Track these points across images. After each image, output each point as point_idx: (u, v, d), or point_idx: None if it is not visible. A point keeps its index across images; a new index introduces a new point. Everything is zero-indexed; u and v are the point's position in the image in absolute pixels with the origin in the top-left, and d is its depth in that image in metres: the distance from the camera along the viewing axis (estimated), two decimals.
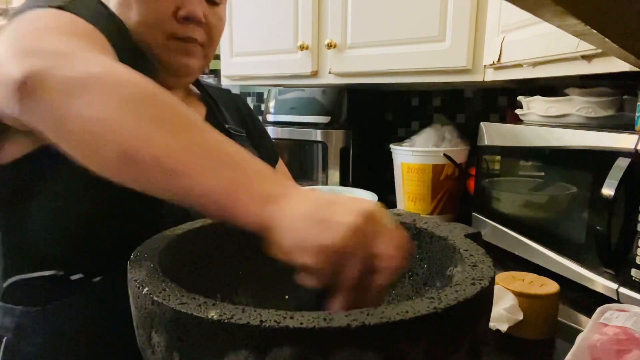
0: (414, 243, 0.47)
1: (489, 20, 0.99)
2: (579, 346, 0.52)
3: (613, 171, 0.69)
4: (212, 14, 0.62)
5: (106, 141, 0.34)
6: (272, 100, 1.53)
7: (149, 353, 0.33)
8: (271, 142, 0.86)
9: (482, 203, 1.08)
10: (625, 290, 0.69)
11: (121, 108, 0.34)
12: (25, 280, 0.50)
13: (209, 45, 0.64)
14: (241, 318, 0.27)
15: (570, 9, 0.32)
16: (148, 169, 0.34)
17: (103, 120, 0.34)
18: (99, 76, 0.36)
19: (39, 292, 0.51)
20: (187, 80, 0.67)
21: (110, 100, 0.35)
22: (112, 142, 0.34)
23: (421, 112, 1.53)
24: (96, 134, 0.34)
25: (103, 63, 0.38)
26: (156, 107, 0.36)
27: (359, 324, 0.27)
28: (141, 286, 0.32)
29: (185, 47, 0.60)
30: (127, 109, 0.34)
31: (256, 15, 1.45)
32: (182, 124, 0.35)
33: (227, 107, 0.75)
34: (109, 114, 0.34)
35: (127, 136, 0.34)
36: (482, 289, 0.32)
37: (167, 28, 0.58)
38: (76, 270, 0.50)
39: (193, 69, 0.63)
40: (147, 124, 0.34)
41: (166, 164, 0.33)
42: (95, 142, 0.34)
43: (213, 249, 0.47)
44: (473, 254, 0.39)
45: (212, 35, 0.63)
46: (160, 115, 0.35)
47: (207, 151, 0.34)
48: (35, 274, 0.50)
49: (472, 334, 0.32)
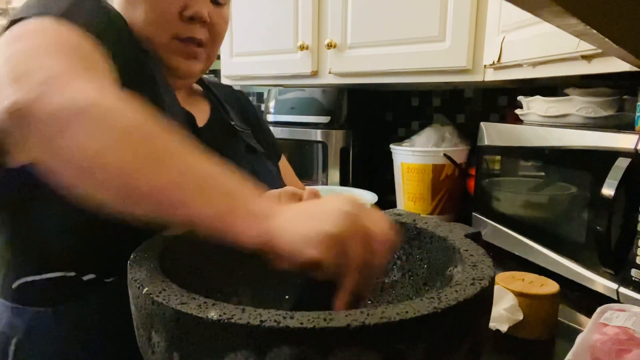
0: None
1: (489, 20, 0.99)
2: (579, 346, 0.52)
3: (613, 171, 0.69)
4: (216, 15, 0.62)
5: (99, 176, 0.34)
6: (272, 100, 1.53)
7: (149, 353, 0.33)
8: (273, 137, 0.85)
9: (482, 203, 1.08)
10: (625, 290, 0.69)
11: (114, 141, 0.35)
12: (35, 281, 0.50)
13: (212, 45, 0.63)
14: (241, 318, 0.27)
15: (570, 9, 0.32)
16: (146, 202, 0.35)
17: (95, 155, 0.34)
18: (86, 107, 0.36)
19: (50, 293, 0.50)
20: (189, 81, 0.67)
21: (102, 134, 0.35)
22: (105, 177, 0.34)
23: (421, 112, 1.53)
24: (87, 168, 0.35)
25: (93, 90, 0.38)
26: (147, 139, 0.36)
27: (359, 324, 0.27)
28: (141, 286, 0.33)
29: (188, 49, 0.60)
30: (120, 142, 0.35)
31: (256, 15, 1.45)
32: (173, 153, 0.36)
33: (230, 104, 0.74)
34: (101, 148, 0.34)
35: (121, 170, 0.34)
36: (482, 289, 0.32)
37: (172, 28, 0.58)
38: (88, 271, 0.50)
39: (195, 72, 0.63)
40: (140, 157, 0.35)
41: (164, 197, 0.34)
42: (87, 176, 0.35)
43: (213, 249, 0.47)
44: (473, 254, 0.39)
45: (215, 36, 0.63)
46: (151, 148, 0.36)
47: (200, 179, 0.36)
48: (45, 275, 0.50)
49: (472, 334, 0.32)
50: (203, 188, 0.35)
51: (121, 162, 0.34)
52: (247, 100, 0.83)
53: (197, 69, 0.63)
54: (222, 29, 0.64)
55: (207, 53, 0.63)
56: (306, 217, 0.34)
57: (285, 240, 0.33)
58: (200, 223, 0.35)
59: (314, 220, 0.33)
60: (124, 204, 0.35)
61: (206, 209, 0.34)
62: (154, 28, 0.57)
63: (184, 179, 0.35)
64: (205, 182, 0.36)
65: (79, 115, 0.35)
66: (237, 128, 0.68)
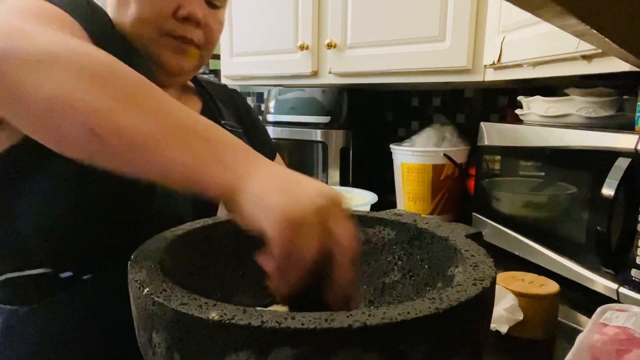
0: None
1: (489, 20, 0.99)
2: (579, 346, 0.52)
3: (613, 171, 0.69)
4: (211, 17, 0.61)
5: (66, 116, 0.33)
6: (272, 100, 1.53)
7: (149, 354, 0.33)
8: (268, 136, 0.85)
9: (482, 203, 1.08)
10: (625, 290, 0.69)
11: (82, 82, 0.33)
12: (14, 278, 0.50)
13: (206, 47, 0.63)
14: (242, 319, 0.27)
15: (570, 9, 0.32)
16: (110, 144, 0.33)
17: (63, 95, 0.33)
18: (58, 51, 0.35)
19: (29, 291, 0.50)
20: (180, 79, 0.67)
21: (70, 75, 0.34)
22: (72, 117, 0.33)
23: (421, 112, 1.53)
24: (55, 109, 0.33)
25: (64, 39, 0.37)
26: (119, 81, 0.35)
27: (360, 324, 0.27)
28: (142, 287, 0.32)
29: (179, 45, 0.60)
30: (88, 83, 0.33)
31: (256, 15, 1.45)
32: (148, 98, 0.35)
33: (223, 102, 0.74)
34: (69, 89, 0.33)
35: (89, 110, 0.33)
36: (483, 290, 0.32)
37: (165, 26, 0.58)
38: (65, 268, 0.49)
39: (186, 69, 0.63)
40: (110, 98, 0.33)
41: (129, 138, 0.33)
42: (55, 117, 0.33)
43: (214, 249, 0.47)
44: (474, 255, 0.39)
45: (209, 38, 0.63)
46: (124, 90, 0.34)
47: (174, 125, 0.34)
48: (24, 272, 0.49)
49: (473, 334, 0.32)
50: (177, 133, 0.34)
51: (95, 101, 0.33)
52: (242, 99, 0.82)
53: (188, 66, 0.62)
54: (217, 32, 0.64)
55: (200, 53, 0.63)
56: (279, 189, 0.33)
57: (247, 206, 0.33)
58: (171, 169, 0.33)
59: (284, 196, 0.32)
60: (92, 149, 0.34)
61: (175, 153, 0.33)
62: (146, 25, 0.57)
63: (158, 122, 0.34)
64: (179, 128, 0.34)
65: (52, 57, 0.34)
66: (227, 127, 0.68)
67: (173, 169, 0.33)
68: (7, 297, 0.51)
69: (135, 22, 0.57)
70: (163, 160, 0.33)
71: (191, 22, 0.59)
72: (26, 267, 0.49)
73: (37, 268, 0.49)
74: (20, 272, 0.49)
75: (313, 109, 1.42)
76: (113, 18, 0.59)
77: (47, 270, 0.49)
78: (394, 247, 0.50)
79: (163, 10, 0.57)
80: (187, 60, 0.61)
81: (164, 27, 0.58)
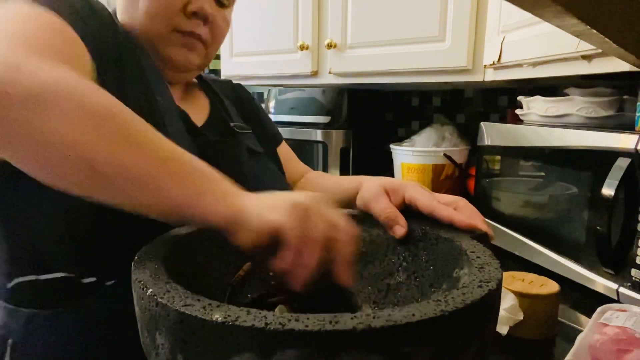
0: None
1: (489, 20, 0.99)
2: (579, 346, 0.52)
3: (613, 171, 0.69)
4: (219, 15, 0.62)
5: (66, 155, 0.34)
6: (272, 100, 1.53)
7: (153, 355, 0.33)
8: (274, 126, 0.84)
9: (482, 203, 1.08)
10: (625, 290, 0.69)
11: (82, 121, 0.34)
12: (32, 282, 0.49)
13: (212, 45, 0.63)
14: (246, 320, 0.27)
15: (570, 9, 0.32)
16: (114, 182, 0.35)
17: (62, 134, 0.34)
18: (57, 90, 0.35)
19: (49, 294, 0.49)
20: (187, 75, 0.67)
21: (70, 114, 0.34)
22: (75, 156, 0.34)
23: (421, 112, 1.53)
24: (55, 148, 0.34)
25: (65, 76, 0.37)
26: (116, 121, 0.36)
27: (365, 326, 0.26)
28: (145, 287, 0.32)
29: (187, 40, 0.60)
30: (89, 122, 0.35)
31: (256, 15, 1.45)
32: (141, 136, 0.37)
33: (229, 99, 0.74)
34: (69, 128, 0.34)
35: (91, 150, 0.34)
36: (489, 292, 0.32)
37: (173, 21, 0.58)
38: (88, 273, 0.49)
39: (193, 64, 0.63)
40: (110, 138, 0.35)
41: (130, 176, 0.35)
42: (54, 156, 0.34)
43: (217, 249, 0.47)
44: (480, 256, 0.39)
45: (216, 36, 0.63)
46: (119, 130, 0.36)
47: (170, 162, 0.37)
48: (43, 276, 0.49)
49: (479, 336, 0.32)
50: (175, 171, 0.36)
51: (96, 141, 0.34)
52: (246, 92, 0.82)
53: (195, 61, 0.62)
54: (223, 30, 0.64)
55: (206, 50, 0.63)
56: (275, 199, 0.37)
57: (252, 212, 0.35)
58: (171, 206, 0.36)
59: (283, 197, 0.37)
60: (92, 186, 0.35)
61: (177, 190, 0.35)
62: (155, 20, 0.58)
63: (156, 160, 0.36)
64: (177, 166, 0.37)
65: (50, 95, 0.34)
66: (236, 129, 0.68)
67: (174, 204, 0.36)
68: (25, 300, 0.50)
69: (145, 18, 0.57)
70: (164, 195, 0.35)
71: (199, 18, 0.59)
72: (44, 271, 0.49)
73: (56, 272, 0.49)
74: (37, 275, 0.49)
75: (313, 109, 1.42)
76: (121, 17, 0.59)
77: (67, 275, 0.49)
78: (399, 248, 0.49)
79: (173, 5, 0.57)
80: (194, 55, 0.62)
81: (172, 22, 0.58)
